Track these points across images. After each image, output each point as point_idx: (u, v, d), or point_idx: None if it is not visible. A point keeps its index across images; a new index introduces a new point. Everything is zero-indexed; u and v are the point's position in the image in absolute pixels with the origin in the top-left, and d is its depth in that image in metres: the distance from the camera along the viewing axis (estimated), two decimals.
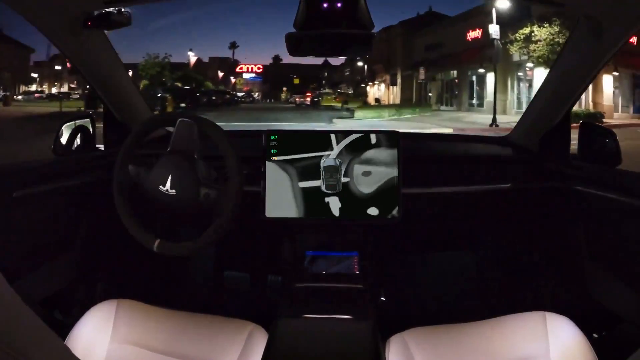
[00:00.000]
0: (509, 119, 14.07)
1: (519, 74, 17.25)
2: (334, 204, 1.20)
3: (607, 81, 17.34)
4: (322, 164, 1.20)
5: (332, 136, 1.22)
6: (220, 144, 1.08)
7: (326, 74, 33.28)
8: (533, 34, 14.72)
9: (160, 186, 1.06)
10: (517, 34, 15.12)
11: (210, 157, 1.13)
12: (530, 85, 16.76)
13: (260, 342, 0.95)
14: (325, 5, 0.96)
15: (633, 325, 1.13)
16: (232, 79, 29.85)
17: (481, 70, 18.35)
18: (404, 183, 1.20)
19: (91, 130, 1.41)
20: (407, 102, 22.04)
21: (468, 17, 19.09)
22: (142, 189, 1.08)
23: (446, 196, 1.36)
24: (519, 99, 17.15)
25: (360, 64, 28.94)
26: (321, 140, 1.21)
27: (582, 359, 0.87)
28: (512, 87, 17.32)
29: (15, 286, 0.42)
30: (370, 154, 1.20)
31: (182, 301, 1.22)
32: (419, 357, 0.92)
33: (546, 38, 14.48)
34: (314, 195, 1.20)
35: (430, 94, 22.58)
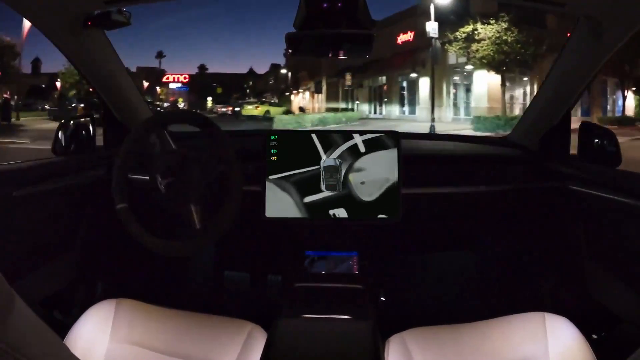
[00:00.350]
0: (446, 127, 13.23)
1: (455, 78, 15.78)
2: (334, 204, 1.20)
3: None
4: (322, 164, 1.20)
5: (332, 136, 1.22)
6: (220, 144, 1.09)
7: (251, 82, 32.27)
8: (476, 32, 13.42)
9: (158, 176, 1.08)
10: (457, 33, 13.77)
11: (209, 156, 1.13)
12: (469, 90, 15.44)
13: (259, 342, 0.95)
14: (325, 5, 0.96)
15: (633, 325, 1.13)
16: (158, 89, 29.31)
17: (413, 75, 16.76)
18: (403, 183, 1.20)
19: (91, 130, 1.41)
20: (333, 111, 20.37)
21: (399, 20, 17.51)
22: (145, 158, 1.10)
23: (446, 196, 1.36)
24: (455, 105, 15.66)
25: (283, 71, 27.19)
26: (321, 140, 1.21)
27: (581, 359, 0.87)
28: (448, 93, 15.75)
29: (15, 286, 0.42)
30: (370, 154, 1.20)
31: (182, 301, 1.22)
32: (419, 357, 0.92)
33: (492, 36, 13.26)
34: (314, 195, 1.20)
35: (357, 102, 20.79)
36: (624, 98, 17.44)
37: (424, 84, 15.92)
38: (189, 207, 1.09)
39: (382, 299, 1.19)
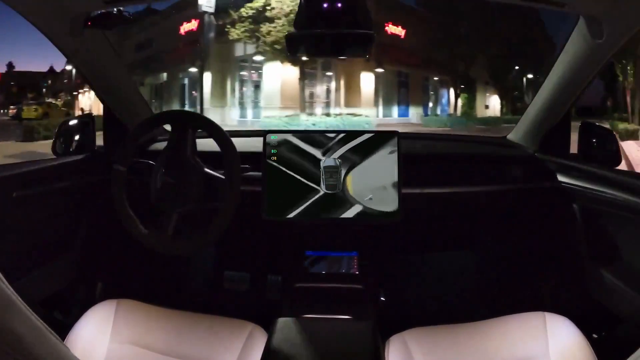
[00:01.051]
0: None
1: (243, 73, 12.94)
2: (334, 204, 1.20)
3: (367, 80, 14.02)
4: (322, 164, 1.20)
5: (332, 136, 1.22)
6: (221, 144, 1.09)
7: (50, 81, 27.94)
8: (269, 7, 10.19)
9: (159, 175, 1.10)
10: (243, 9, 10.47)
11: (210, 154, 1.14)
12: (257, 87, 12.69)
13: (259, 342, 0.95)
14: (325, 5, 0.96)
15: (633, 325, 1.13)
16: None
17: (193, 70, 14.02)
18: (404, 183, 1.20)
19: (91, 130, 1.41)
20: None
21: (184, 8, 14.65)
22: (146, 186, 1.10)
23: (446, 196, 1.36)
24: (241, 104, 12.82)
25: (68, 68, 22.27)
26: (321, 140, 1.21)
27: (581, 359, 0.87)
28: (233, 91, 12.91)
29: (15, 286, 0.42)
30: (370, 154, 1.20)
31: (182, 301, 1.22)
32: (419, 357, 0.93)
33: (289, 12, 10.08)
34: (314, 195, 1.20)
35: None
36: (457, 96, 15.98)
37: (208, 80, 13.43)
38: (189, 206, 1.10)
39: (382, 299, 1.19)
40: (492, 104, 17.20)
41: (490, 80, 16.22)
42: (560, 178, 1.31)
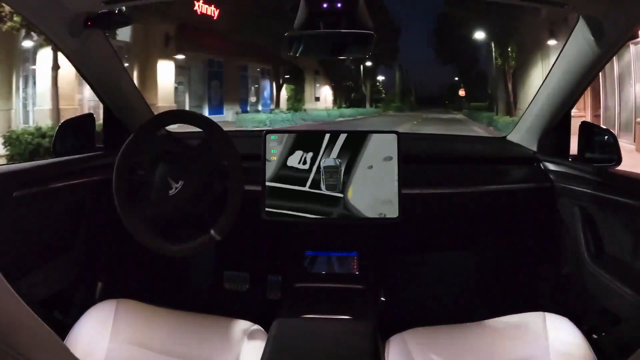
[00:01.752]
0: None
1: (32, 67, 9.98)
2: (334, 204, 1.20)
3: (167, 71, 11.44)
4: (322, 164, 1.20)
5: (332, 136, 1.22)
6: (222, 144, 1.09)
7: None
8: None
9: (160, 177, 1.09)
10: None
11: (211, 156, 1.14)
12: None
13: (259, 342, 0.95)
14: (325, 5, 0.97)
15: (633, 325, 1.13)
16: None
17: None
18: (403, 183, 1.20)
19: (91, 130, 1.41)
20: None
21: None
22: (148, 187, 1.10)
23: (446, 196, 1.36)
24: (25, 106, 10.07)
25: None
26: (321, 140, 1.21)
27: (581, 359, 0.87)
28: (18, 89, 10.05)
29: (15, 286, 0.42)
30: (370, 154, 1.20)
31: (182, 301, 1.22)
32: (419, 357, 0.93)
33: None
34: (314, 195, 1.20)
35: None
36: (280, 88, 13.85)
37: None
38: (191, 207, 1.10)
39: (382, 299, 1.19)
40: (324, 95, 15.24)
41: (320, 68, 14.26)
42: (560, 178, 1.31)
